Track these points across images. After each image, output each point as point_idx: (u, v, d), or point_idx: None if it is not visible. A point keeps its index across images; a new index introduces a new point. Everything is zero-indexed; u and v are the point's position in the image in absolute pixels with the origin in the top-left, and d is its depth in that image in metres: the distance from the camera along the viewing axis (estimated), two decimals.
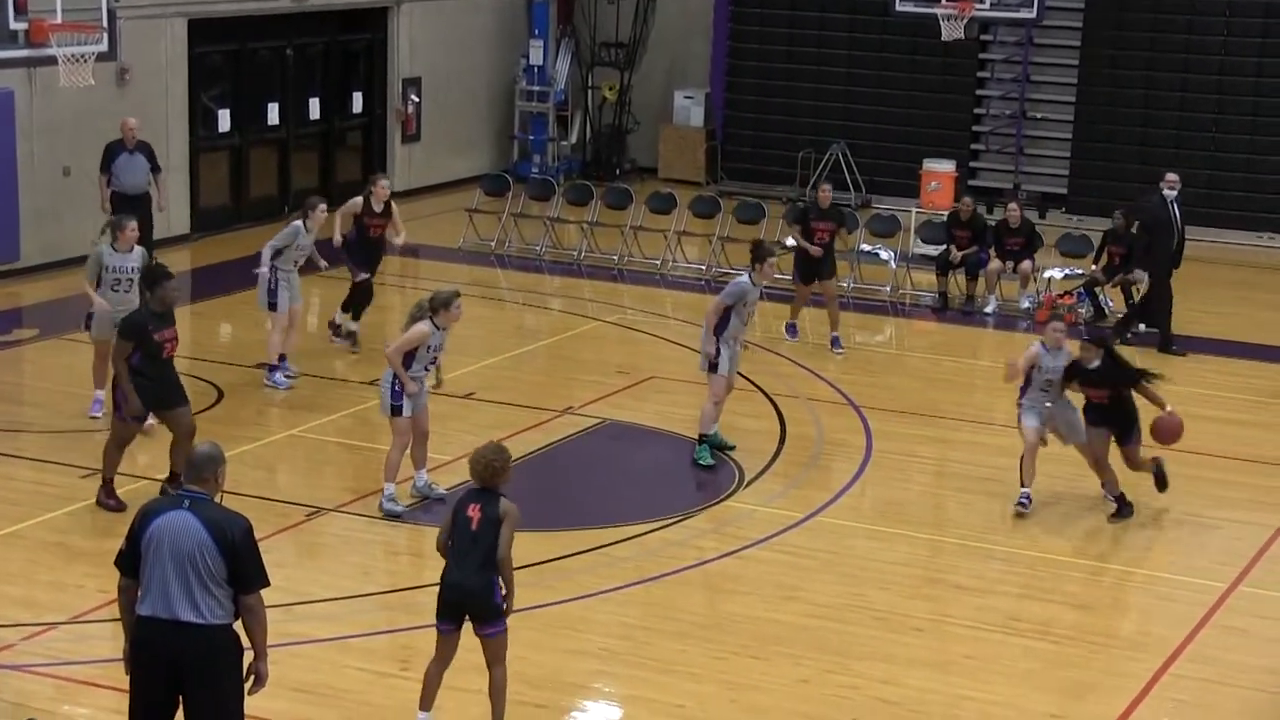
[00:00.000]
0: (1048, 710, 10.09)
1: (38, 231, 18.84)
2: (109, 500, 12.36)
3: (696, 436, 14.01)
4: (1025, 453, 13.14)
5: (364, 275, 16.52)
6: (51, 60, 15.61)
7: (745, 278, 13.88)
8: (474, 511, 8.80)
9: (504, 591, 8.92)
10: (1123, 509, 13.14)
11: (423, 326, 12.19)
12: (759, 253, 13.86)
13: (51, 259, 18.93)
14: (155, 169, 18.37)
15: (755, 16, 26.65)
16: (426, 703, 9.14)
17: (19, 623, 10.60)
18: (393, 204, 16.63)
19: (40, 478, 13.11)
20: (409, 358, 12.25)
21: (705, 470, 13.75)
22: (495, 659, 9.03)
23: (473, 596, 8.86)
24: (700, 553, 12.22)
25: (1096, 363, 12.95)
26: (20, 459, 13.54)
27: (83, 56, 15.68)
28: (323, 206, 15.68)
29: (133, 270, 13.72)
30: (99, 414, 14.01)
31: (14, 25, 15.09)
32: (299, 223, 15.48)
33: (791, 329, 17.79)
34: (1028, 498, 13.11)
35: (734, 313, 13.81)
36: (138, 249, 13.96)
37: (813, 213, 17.68)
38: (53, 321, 17.28)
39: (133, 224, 14.01)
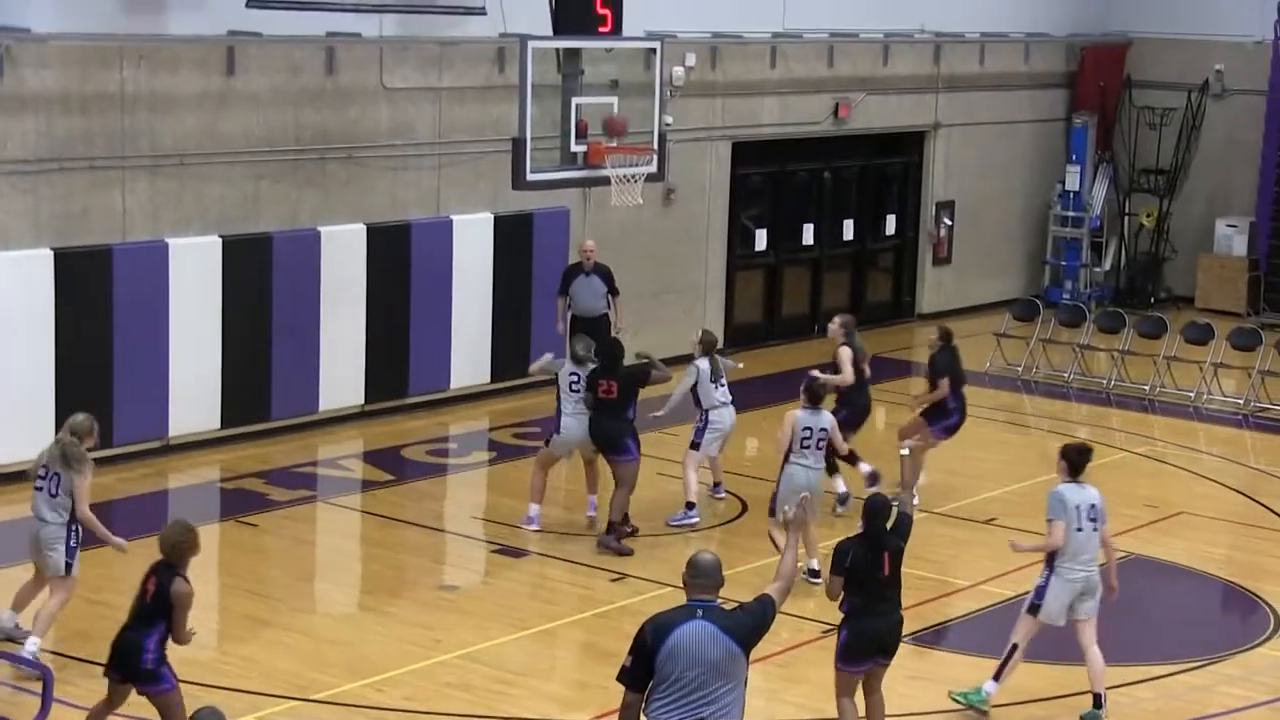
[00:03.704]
0: None
1: None
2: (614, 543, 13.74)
3: None
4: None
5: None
6: (605, 180, 16.57)
7: None
8: (151, 584, 9.55)
9: (154, 656, 9.45)
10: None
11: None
12: None
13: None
14: (612, 291, 18.41)
15: None
16: None
17: (549, 717, 11.13)
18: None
19: (574, 579, 13.75)
20: None
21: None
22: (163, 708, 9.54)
23: (125, 654, 9.53)
24: (1228, 700, 11.71)
25: None
26: (559, 560, 14.22)
27: (633, 177, 16.58)
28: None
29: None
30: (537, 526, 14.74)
31: (574, 148, 16.14)
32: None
33: None
34: None
35: None
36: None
37: None
38: None
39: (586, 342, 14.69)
